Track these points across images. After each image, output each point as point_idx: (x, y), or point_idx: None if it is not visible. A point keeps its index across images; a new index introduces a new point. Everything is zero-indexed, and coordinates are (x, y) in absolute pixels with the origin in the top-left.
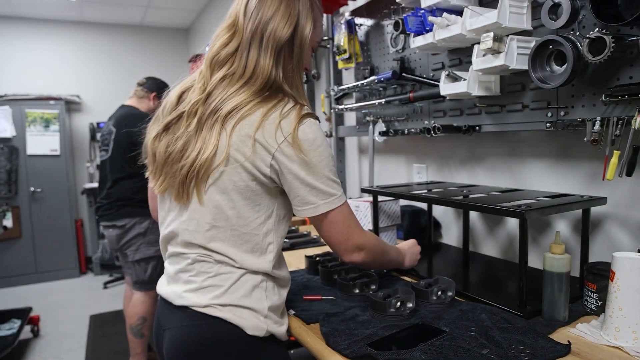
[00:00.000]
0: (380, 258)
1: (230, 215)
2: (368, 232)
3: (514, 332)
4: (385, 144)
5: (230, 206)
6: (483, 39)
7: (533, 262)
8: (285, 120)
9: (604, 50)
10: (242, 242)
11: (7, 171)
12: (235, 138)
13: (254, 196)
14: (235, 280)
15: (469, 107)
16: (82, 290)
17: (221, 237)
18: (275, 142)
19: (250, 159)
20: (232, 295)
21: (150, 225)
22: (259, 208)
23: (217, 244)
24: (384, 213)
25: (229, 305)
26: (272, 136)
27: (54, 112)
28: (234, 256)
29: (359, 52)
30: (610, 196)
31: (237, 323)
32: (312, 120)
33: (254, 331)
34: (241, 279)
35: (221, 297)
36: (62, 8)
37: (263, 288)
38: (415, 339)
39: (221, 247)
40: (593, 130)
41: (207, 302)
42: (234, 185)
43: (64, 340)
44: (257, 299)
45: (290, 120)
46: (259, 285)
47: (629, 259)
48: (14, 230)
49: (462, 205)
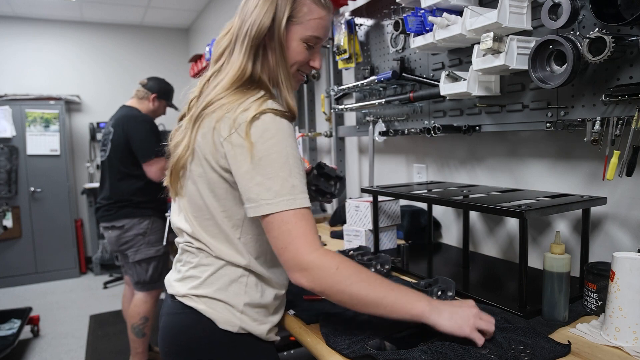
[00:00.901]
0: (344, 288)
1: (202, 205)
2: (328, 252)
3: (514, 332)
4: (385, 144)
5: (200, 197)
6: (483, 39)
7: (533, 262)
8: (244, 113)
9: (604, 50)
10: (217, 232)
11: (7, 171)
12: (200, 132)
13: (217, 189)
14: (213, 272)
15: (469, 107)
16: (82, 290)
17: (203, 226)
18: (227, 132)
19: (209, 152)
20: (208, 287)
21: (149, 225)
22: (225, 202)
23: (199, 232)
24: (384, 213)
25: (204, 296)
26: (227, 128)
27: (54, 112)
28: (211, 245)
29: (359, 52)
30: (610, 196)
31: (209, 315)
32: (271, 115)
33: (226, 325)
34: (219, 272)
35: (198, 288)
36: (62, 8)
37: (243, 283)
38: (415, 339)
39: (202, 235)
40: (593, 130)
41: (185, 292)
42: (200, 177)
43: (64, 340)
44: (234, 294)
45: (247, 113)
46: (238, 280)
47: (629, 259)
48: (14, 230)
49: (462, 205)
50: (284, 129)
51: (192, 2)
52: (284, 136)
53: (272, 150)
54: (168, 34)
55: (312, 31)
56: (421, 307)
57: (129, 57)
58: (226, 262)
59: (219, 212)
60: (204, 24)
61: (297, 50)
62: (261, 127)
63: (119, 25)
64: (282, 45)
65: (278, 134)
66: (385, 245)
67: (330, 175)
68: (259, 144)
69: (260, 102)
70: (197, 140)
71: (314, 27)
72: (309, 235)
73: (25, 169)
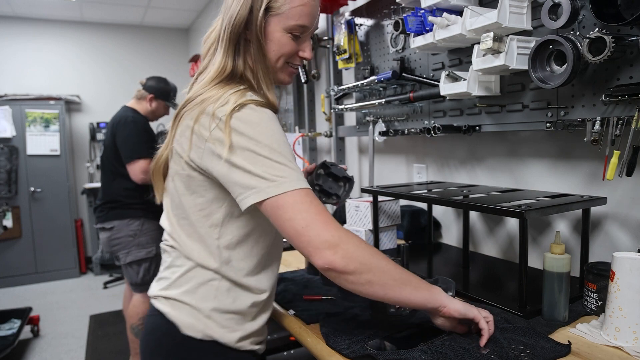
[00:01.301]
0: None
1: (179, 203)
2: (349, 232)
3: (514, 332)
4: (385, 144)
5: (178, 194)
6: (483, 39)
7: (533, 262)
8: (223, 106)
9: (604, 50)
10: (192, 231)
11: (7, 171)
12: (179, 129)
13: (196, 186)
14: (183, 274)
15: (469, 107)
16: (82, 290)
17: (180, 224)
18: (207, 130)
19: (188, 149)
20: (177, 289)
21: (140, 227)
22: (204, 200)
23: (177, 231)
24: (384, 213)
25: (171, 298)
26: (207, 125)
27: (54, 112)
28: (184, 245)
29: (359, 52)
30: (610, 196)
31: (173, 319)
32: (252, 105)
33: (189, 331)
34: (189, 273)
35: (167, 289)
36: (62, 8)
37: (213, 287)
38: (415, 339)
39: (179, 234)
40: (593, 130)
41: (156, 293)
42: (177, 175)
43: (64, 340)
44: (202, 297)
45: (227, 106)
46: (208, 283)
47: (629, 259)
48: (14, 230)
49: (462, 205)
50: (268, 117)
51: (192, 2)
52: (269, 123)
53: (261, 138)
54: (168, 34)
55: (295, 20)
56: (441, 298)
57: (129, 57)
58: (196, 263)
59: (195, 210)
60: (204, 24)
61: (282, 42)
62: (244, 118)
63: (119, 25)
64: (259, 39)
65: (262, 122)
66: (385, 245)
67: (338, 175)
68: (244, 135)
69: (239, 94)
70: (176, 137)
71: (297, 15)
72: (329, 214)
73: (25, 169)
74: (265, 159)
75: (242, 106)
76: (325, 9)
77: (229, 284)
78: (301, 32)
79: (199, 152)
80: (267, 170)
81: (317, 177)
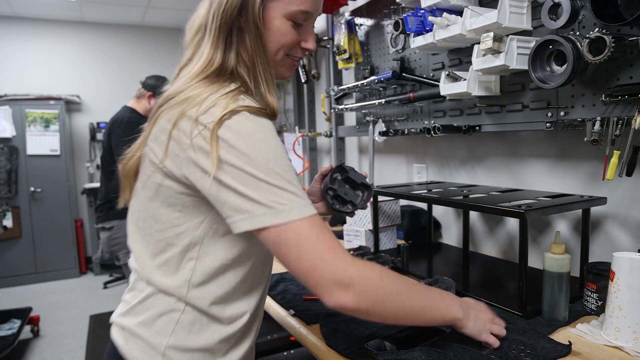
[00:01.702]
0: (391, 301)
1: (147, 216)
2: (361, 261)
3: (515, 332)
4: (385, 144)
5: (148, 205)
6: (483, 39)
7: (533, 262)
8: (210, 111)
9: (604, 50)
10: (158, 251)
11: (7, 171)
12: (154, 131)
13: (171, 197)
14: (142, 301)
15: (469, 107)
16: (82, 290)
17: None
18: (188, 137)
19: (163, 155)
20: (133, 318)
21: None
22: (180, 215)
23: (140, 248)
24: (383, 213)
25: (126, 329)
26: (188, 131)
27: (54, 112)
28: (145, 266)
29: (359, 52)
30: (610, 196)
31: (124, 354)
32: (245, 113)
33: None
34: (148, 301)
35: (124, 316)
36: (62, 8)
37: (172, 320)
38: (415, 339)
39: (142, 252)
40: (593, 130)
41: (113, 319)
42: (150, 182)
43: (64, 340)
44: (158, 331)
45: (214, 112)
46: (168, 314)
47: (629, 259)
48: (14, 230)
49: (462, 205)
50: (265, 127)
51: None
52: (265, 135)
53: (256, 155)
54: (168, 34)
55: (297, 5)
56: (455, 311)
57: (129, 57)
58: (157, 289)
59: (169, 226)
60: None
61: (282, 31)
62: (235, 129)
63: (119, 25)
64: (258, 27)
65: (257, 133)
66: (385, 245)
67: (356, 181)
68: (235, 149)
69: (230, 98)
70: (150, 140)
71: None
72: (338, 246)
73: (25, 169)
74: (260, 181)
75: (234, 113)
76: (325, 9)
77: (193, 315)
78: (304, 20)
79: (177, 161)
80: (263, 194)
81: (333, 180)
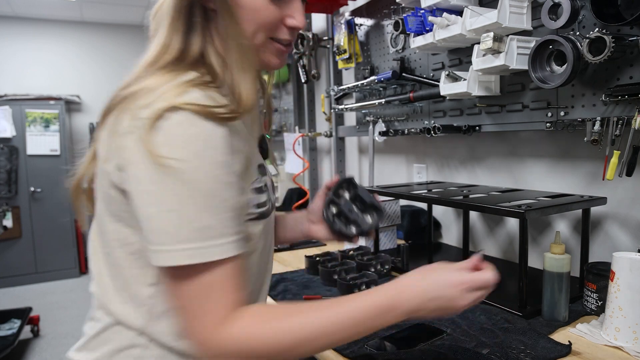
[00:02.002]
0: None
1: (103, 231)
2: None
3: (514, 332)
4: (385, 144)
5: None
6: (483, 39)
7: (533, 262)
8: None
9: (604, 50)
10: (116, 273)
11: (7, 171)
12: (102, 133)
13: (119, 210)
14: (99, 333)
15: (469, 107)
16: (82, 290)
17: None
18: (122, 132)
19: (105, 159)
20: (89, 353)
21: None
22: (131, 231)
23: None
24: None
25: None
26: (125, 125)
27: (54, 112)
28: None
29: (359, 52)
30: (610, 196)
31: None
32: (187, 114)
33: None
34: (105, 333)
35: (80, 350)
36: (62, 8)
37: (132, 356)
38: (415, 339)
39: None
40: (593, 130)
41: (68, 354)
42: (101, 191)
43: (64, 340)
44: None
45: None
46: (127, 350)
47: (629, 259)
48: (14, 230)
49: (462, 205)
50: (204, 137)
51: None
52: (200, 148)
53: (179, 170)
54: None
55: None
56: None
57: (129, 57)
58: (116, 320)
59: (121, 244)
60: None
61: (256, 6)
62: (167, 132)
63: (119, 25)
64: (227, 4)
65: (191, 145)
66: (385, 245)
67: (365, 201)
68: (160, 156)
69: (179, 90)
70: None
71: None
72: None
73: (25, 169)
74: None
75: (174, 110)
76: (325, 9)
77: (159, 351)
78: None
79: (115, 164)
80: (169, 223)
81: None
